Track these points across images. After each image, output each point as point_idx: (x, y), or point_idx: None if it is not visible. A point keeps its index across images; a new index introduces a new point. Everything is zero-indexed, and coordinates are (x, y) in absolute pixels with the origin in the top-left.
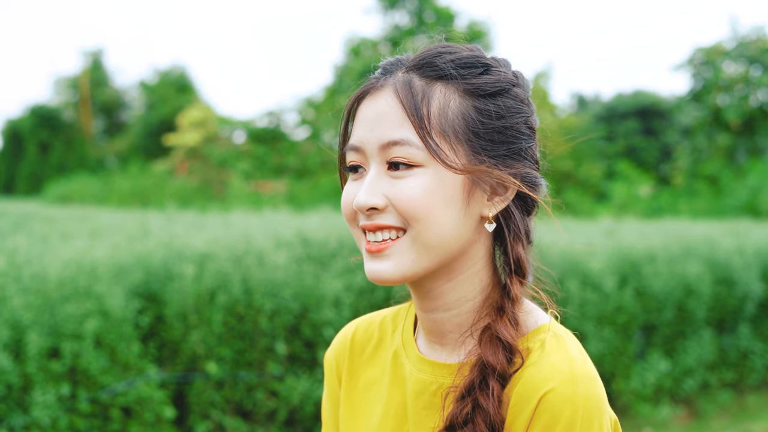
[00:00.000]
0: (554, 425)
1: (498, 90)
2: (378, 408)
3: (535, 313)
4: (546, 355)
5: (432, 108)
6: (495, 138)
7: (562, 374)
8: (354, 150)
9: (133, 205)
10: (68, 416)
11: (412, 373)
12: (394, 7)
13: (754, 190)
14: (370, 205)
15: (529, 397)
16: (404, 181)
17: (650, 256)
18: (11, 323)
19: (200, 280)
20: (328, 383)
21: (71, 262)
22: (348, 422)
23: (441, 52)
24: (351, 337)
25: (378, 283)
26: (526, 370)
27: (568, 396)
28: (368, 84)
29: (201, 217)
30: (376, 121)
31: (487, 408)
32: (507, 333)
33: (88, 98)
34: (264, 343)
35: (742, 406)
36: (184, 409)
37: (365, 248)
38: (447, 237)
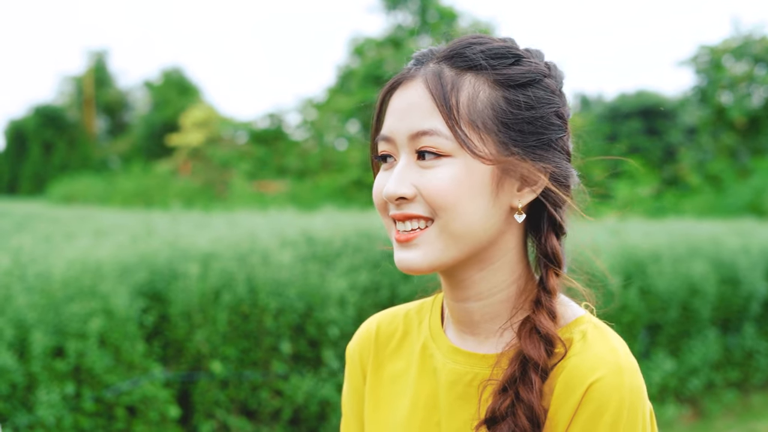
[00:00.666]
0: (601, 414)
1: (528, 80)
2: (405, 399)
3: (571, 305)
4: (589, 346)
5: (461, 98)
6: (524, 128)
7: (608, 364)
8: (384, 140)
9: (136, 205)
10: (73, 415)
11: (445, 363)
12: (397, 6)
13: (757, 189)
14: (399, 194)
15: (575, 387)
16: (433, 171)
17: (655, 256)
18: (16, 322)
19: (205, 279)
20: (351, 377)
21: (76, 261)
22: (373, 415)
23: (472, 43)
24: (375, 331)
25: (407, 272)
26: (569, 361)
27: (615, 386)
28: (400, 74)
29: (205, 217)
30: (406, 111)
31: (528, 401)
32: (547, 326)
33: (91, 98)
34: (269, 343)
35: (747, 405)
36: (189, 409)
37: (395, 237)
38: (475, 227)
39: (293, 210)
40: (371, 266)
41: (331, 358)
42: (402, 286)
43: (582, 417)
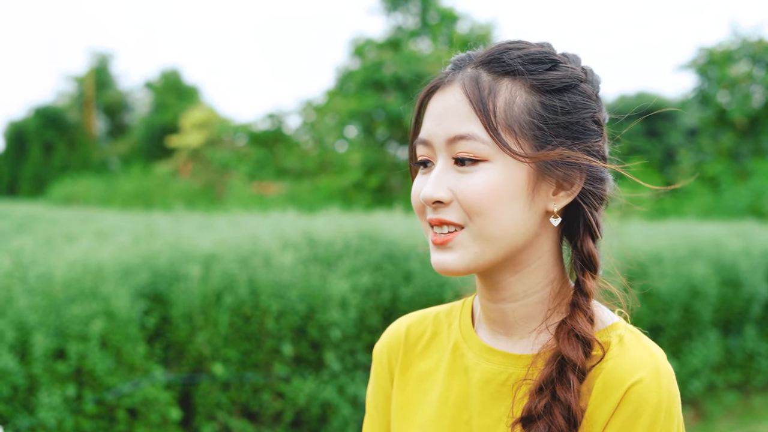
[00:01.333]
0: (639, 416)
1: (565, 86)
2: (433, 397)
3: (605, 310)
4: (627, 349)
5: (498, 103)
6: (560, 133)
7: (647, 367)
8: (423, 144)
9: (136, 206)
10: (74, 417)
11: (478, 363)
12: (397, 8)
13: (757, 192)
14: (436, 198)
15: (614, 388)
16: (469, 175)
17: (657, 258)
18: (17, 324)
19: (206, 280)
20: (377, 376)
21: (77, 262)
22: (400, 412)
23: (509, 48)
24: (405, 332)
25: (444, 274)
26: (607, 363)
27: (654, 389)
28: (439, 78)
29: (206, 218)
30: (443, 116)
31: (565, 400)
32: (585, 328)
33: (92, 99)
34: (270, 345)
35: (748, 407)
36: (190, 411)
37: (431, 240)
38: (510, 231)
39: (294, 211)
40: (373, 268)
41: (332, 360)
42: (403, 288)
43: (620, 418)
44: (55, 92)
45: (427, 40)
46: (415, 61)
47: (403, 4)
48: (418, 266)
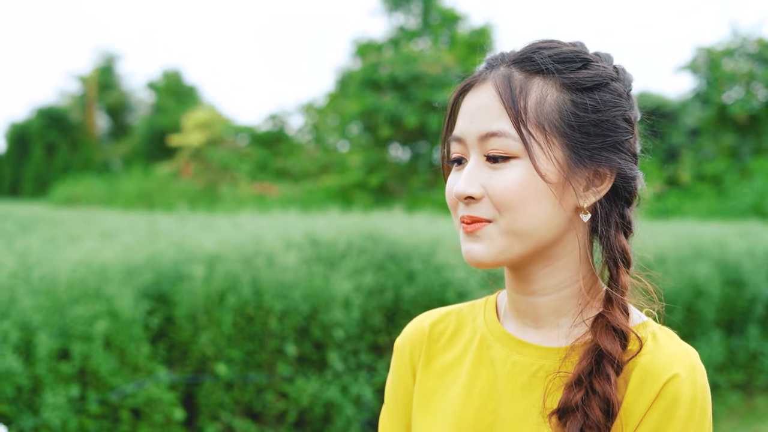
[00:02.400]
0: (676, 410)
1: (596, 84)
2: (457, 389)
3: (632, 306)
4: (661, 345)
5: (529, 101)
6: (591, 131)
7: (684, 363)
8: (456, 141)
9: (138, 207)
10: (78, 418)
11: (508, 355)
12: (398, 9)
13: (760, 192)
14: (468, 194)
15: (652, 381)
16: (501, 172)
17: (660, 257)
18: (21, 325)
19: (210, 281)
20: (398, 370)
21: (81, 263)
22: (422, 404)
23: (540, 48)
24: (429, 327)
25: (473, 265)
26: (643, 357)
27: (690, 384)
28: (472, 77)
29: (209, 219)
30: (476, 114)
31: (603, 393)
32: (622, 322)
33: (94, 100)
34: (274, 345)
35: (751, 407)
36: (194, 411)
37: (462, 230)
38: (540, 226)
39: (297, 212)
40: (375, 268)
41: (335, 360)
42: (406, 288)
43: (657, 411)
44: (58, 92)
45: (428, 41)
46: (412, 61)
47: (405, 5)
48: (420, 266)
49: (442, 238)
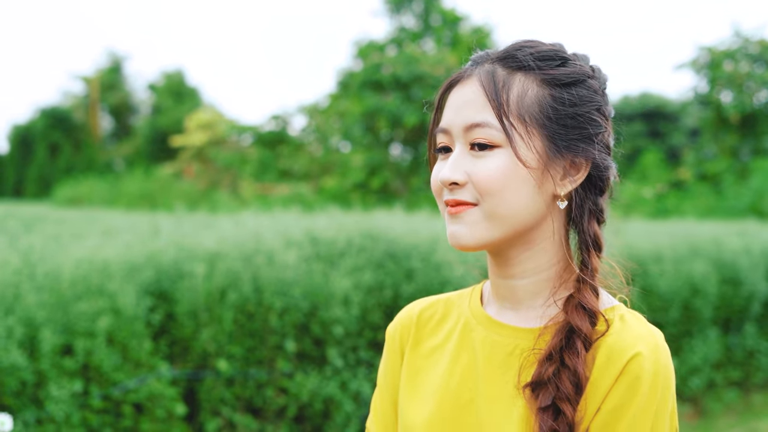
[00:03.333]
0: (639, 386)
1: (573, 80)
2: (440, 368)
3: (606, 293)
4: (628, 326)
5: (511, 95)
6: (568, 123)
7: (647, 343)
8: (442, 132)
9: (141, 207)
10: (81, 412)
11: (486, 336)
12: (400, 10)
13: (758, 191)
14: (453, 179)
15: (616, 359)
16: (484, 160)
17: (657, 256)
18: (25, 320)
19: (211, 278)
20: (389, 354)
21: (84, 260)
22: (408, 383)
23: (523, 47)
24: (418, 313)
25: (458, 248)
26: (610, 337)
27: (653, 361)
28: (458, 74)
29: (210, 218)
30: (461, 106)
31: (573, 367)
32: (591, 301)
33: (97, 101)
34: (274, 341)
35: (748, 404)
36: (195, 406)
37: (447, 213)
38: (519, 211)
39: (297, 211)
40: (375, 266)
41: (335, 357)
42: (405, 285)
43: (620, 387)
44: (61, 93)
45: (429, 42)
46: (414, 61)
47: (406, 6)
48: (419, 264)
49: (441, 236)
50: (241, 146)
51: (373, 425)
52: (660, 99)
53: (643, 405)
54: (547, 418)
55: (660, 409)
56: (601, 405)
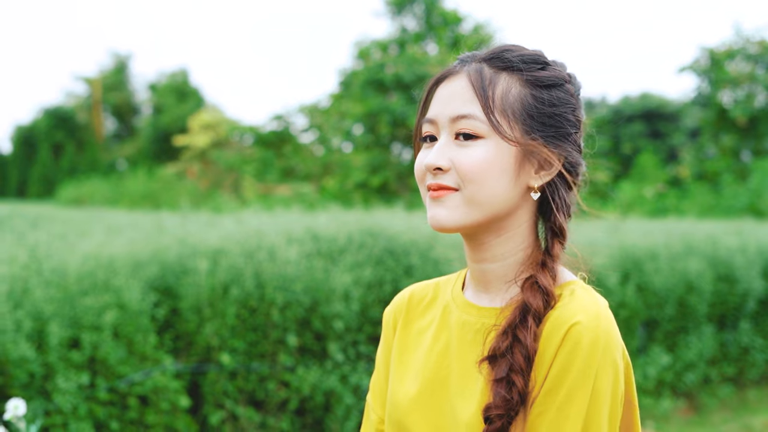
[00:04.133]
0: (577, 351)
1: (552, 83)
2: (423, 347)
3: (567, 272)
4: (574, 299)
5: (497, 91)
6: (546, 121)
7: (587, 312)
8: (429, 122)
9: (143, 207)
10: (87, 404)
11: (460, 317)
12: (401, 11)
13: (756, 191)
14: (437, 165)
15: (559, 329)
16: (467, 149)
17: (652, 254)
18: (34, 314)
19: (214, 274)
20: (385, 335)
21: (90, 256)
22: (398, 358)
23: (508, 50)
24: (409, 296)
25: (437, 229)
26: (556, 311)
27: (591, 328)
28: (446, 70)
29: (213, 216)
30: (449, 99)
31: (524, 341)
32: (546, 282)
33: (100, 101)
34: (275, 335)
35: (743, 400)
36: (199, 399)
37: (429, 196)
38: (496, 199)
39: (299, 210)
40: (374, 262)
41: (335, 351)
42: (404, 281)
43: (562, 354)
44: (64, 93)
45: (431, 43)
46: (417, 62)
47: (408, 7)
48: (418, 261)
49: (440, 234)
50: (243, 146)
51: (372, 400)
52: (660, 99)
53: (583, 368)
54: (500, 389)
55: (601, 372)
56: (547, 373)
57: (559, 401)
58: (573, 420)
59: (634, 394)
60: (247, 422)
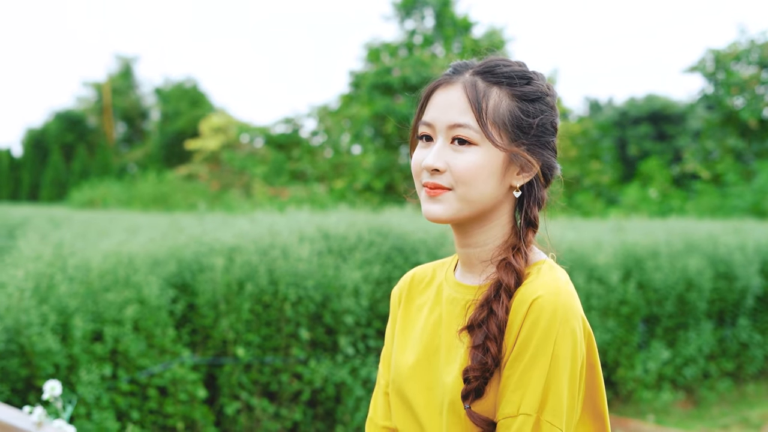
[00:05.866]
0: (538, 321)
1: (536, 97)
2: (421, 321)
3: (539, 253)
4: (540, 276)
5: (489, 104)
6: (529, 131)
7: (548, 287)
8: (426, 124)
9: (155, 209)
10: (109, 394)
11: (450, 294)
12: (411, 15)
13: (760, 191)
14: (435, 167)
15: (524, 303)
16: (462, 154)
17: (653, 252)
18: (59, 309)
19: (229, 271)
20: (392, 313)
21: (111, 254)
22: (401, 332)
23: (498, 64)
24: (411, 277)
25: (432, 221)
26: (524, 287)
27: (551, 301)
28: (442, 78)
29: (228, 217)
30: (447, 107)
31: (497, 313)
32: (519, 263)
33: (110, 105)
34: (288, 330)
35: (742, 393)
36: (215, 390)
37: (425, 193)
38: (484, 197)
39: (309, 210)
40: (383, 260)
41: (346, 345)
42: None
43: (527, 324)
44: (75, 98)
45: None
46: (424, 66)
47: (418, 11)
48: (425, 258)
49: (449, 232)
50: (254, 148)
51: (382, 368)
52: (666, 101)
53: (544, 335)
54: (477, 354)
55: (560, 339)
56: (515, 340)
57: (525, 364)
58: (536, 380)
59: (596, 358)
60: (261, 413)
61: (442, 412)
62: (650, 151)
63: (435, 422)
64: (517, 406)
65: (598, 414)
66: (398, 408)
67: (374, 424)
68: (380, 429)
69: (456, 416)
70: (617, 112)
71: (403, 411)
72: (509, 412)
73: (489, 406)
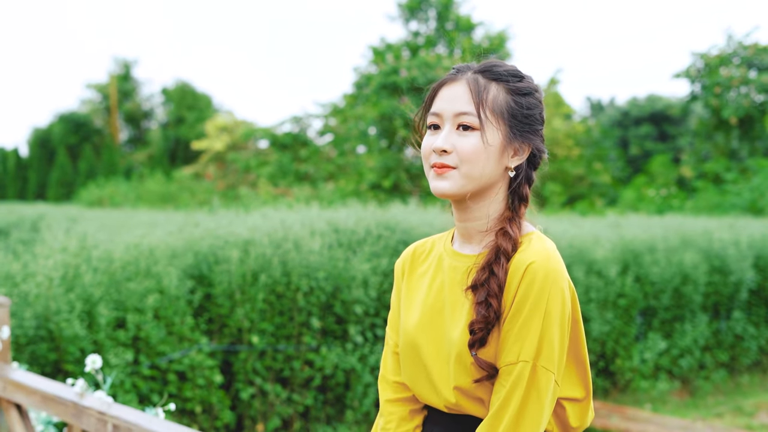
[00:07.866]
0: (533, 283)
1: (528, 92)
2: (424, 286)
3: (529, 226)
4: (531, 245)
5: (489, 96)
6: (522, 120)
7: (540, 254)
8: (435, 114)
9: (163, 207)
10: (132, 379)
11: (450, 262)
12: (415, 16)
13: (758, 190)
14: (443, 148)
15: (520, 268)
16: (466, 138)
17: (650, 247)
18: (84, 297)
19: (244, 263)
20: (396, 282)
21: (132, 246)
22: (406, 298)
23: (495, 65)
24: (413, 250)
25: (440, 195)
26: (518, 254)
27: (543, 266)
28: (448, 77)
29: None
30: (452, 99)
31: (497, 273)
32: (515, 231)
33: (116, 106)
34: (300, 319)
35: (736, 384)
36: (231, 376)
37: (434, 172)
38: (484, 175)
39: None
40: (391, 253)
41: (355, 333)
42: None
43: (523, 286)
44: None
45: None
46: (429, 66)
47: (423, 12)
48: None
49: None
50: (259, 149)
51: (389, 330)
52: (667, 101)
53: (537, 295)
54: (481, 309)
55: (551, 298)
56: (513, 301)
57: (522, 319)
58: (533, 332)
59: (578, 314)
60: (274, 397)
61: (449, 362)
62: (652, 151)
63: (443, 371)
64: (516, 354)
65: (580, 360)
66: (409, 360)
67: (386, 380)
68: (391, 384)
69: (462, 366)
70: (619, 112)
71: (413, 363)
72: (510, 360)
73: (491, 354)
